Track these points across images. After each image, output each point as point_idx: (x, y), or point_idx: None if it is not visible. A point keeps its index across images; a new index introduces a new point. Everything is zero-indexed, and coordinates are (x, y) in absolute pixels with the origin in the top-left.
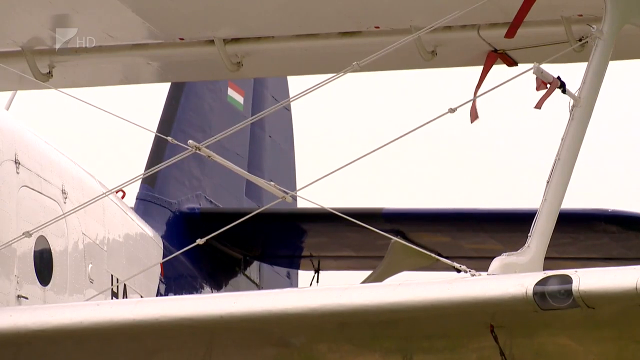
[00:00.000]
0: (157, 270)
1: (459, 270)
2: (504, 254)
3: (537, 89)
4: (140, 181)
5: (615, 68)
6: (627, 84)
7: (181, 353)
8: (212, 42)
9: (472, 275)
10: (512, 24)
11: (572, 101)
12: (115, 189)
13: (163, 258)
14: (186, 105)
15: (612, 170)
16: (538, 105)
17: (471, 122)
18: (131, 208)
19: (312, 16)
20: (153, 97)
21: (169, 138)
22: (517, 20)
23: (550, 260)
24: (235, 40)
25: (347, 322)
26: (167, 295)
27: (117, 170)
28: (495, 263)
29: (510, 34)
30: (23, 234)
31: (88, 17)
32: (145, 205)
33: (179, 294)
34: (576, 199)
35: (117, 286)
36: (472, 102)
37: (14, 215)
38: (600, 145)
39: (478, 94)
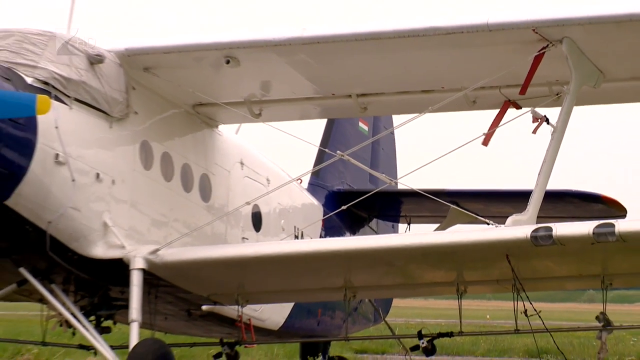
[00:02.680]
0: (320, 224)
1: (488, 224)
2: (514, 214)
3: (533, 122)
4: (310, 174)
5: (577, 110)
6: (586, 118)
7: (333, 271)
8: (350, 96)
9: (496, 226)
10: (522, 86)
11: (552, 129)
12: (297, 178)
13: (323, 217)
14: (336, 131)
15: (574, 167)
16: (534, 131)
17: (483, 144)
18: (305, 189)
19: (408, 81)
20: (317, 125)
21: (326, 149)
22: (525, 84)
23: (539, 218)
24: (363, 94)
25: (426, 252)
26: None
27: (297, 167)
28: (509, 220)
29: (522, 92)
30: (245, 203)
31: (283, 84)
32: (314, 188)
33: (332, 237)
34: (555, 183)
35: (298, 233)
36: (494, 129)
37: (241, 193)
38: (568, 153)
39: (499, 125)
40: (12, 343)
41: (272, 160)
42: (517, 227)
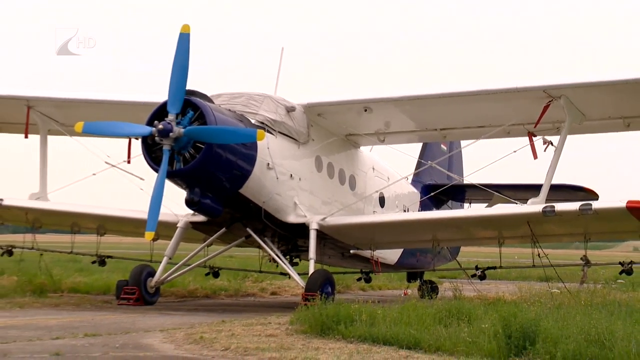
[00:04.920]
0: (418, 204)
1: (517, 203)
2: (532, 198)
3: (543, 144)
4: (413, 174)
5: (570, 137)
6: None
7: (425, 231)
8: (436, 129)
9: (521, 205)
10: (536, 123)
11: (554, 149)
12: (405, 177)
13: (420, 200)
14: (427, 149)
15: (567, 170)
16: (544, 150)
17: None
18: (410, 183)
19: (469, 120)
20: (416, 146)
21: (422, 160)
22: (538, 122)
23: (547, 200)
24: (444, 129)
25: (480, 220)
26: None
27: (405, 170)
28: (529, 201)
29: (536, 126)
30: (375, 191)
31: (397, 122)
32: (415, 183)
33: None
34: (556, 179)
35: (405, 209)
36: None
37: (372, 185)
38: (563, 162)
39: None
40: (242, 271)
41: (391, 166)
42: (534, 205)
